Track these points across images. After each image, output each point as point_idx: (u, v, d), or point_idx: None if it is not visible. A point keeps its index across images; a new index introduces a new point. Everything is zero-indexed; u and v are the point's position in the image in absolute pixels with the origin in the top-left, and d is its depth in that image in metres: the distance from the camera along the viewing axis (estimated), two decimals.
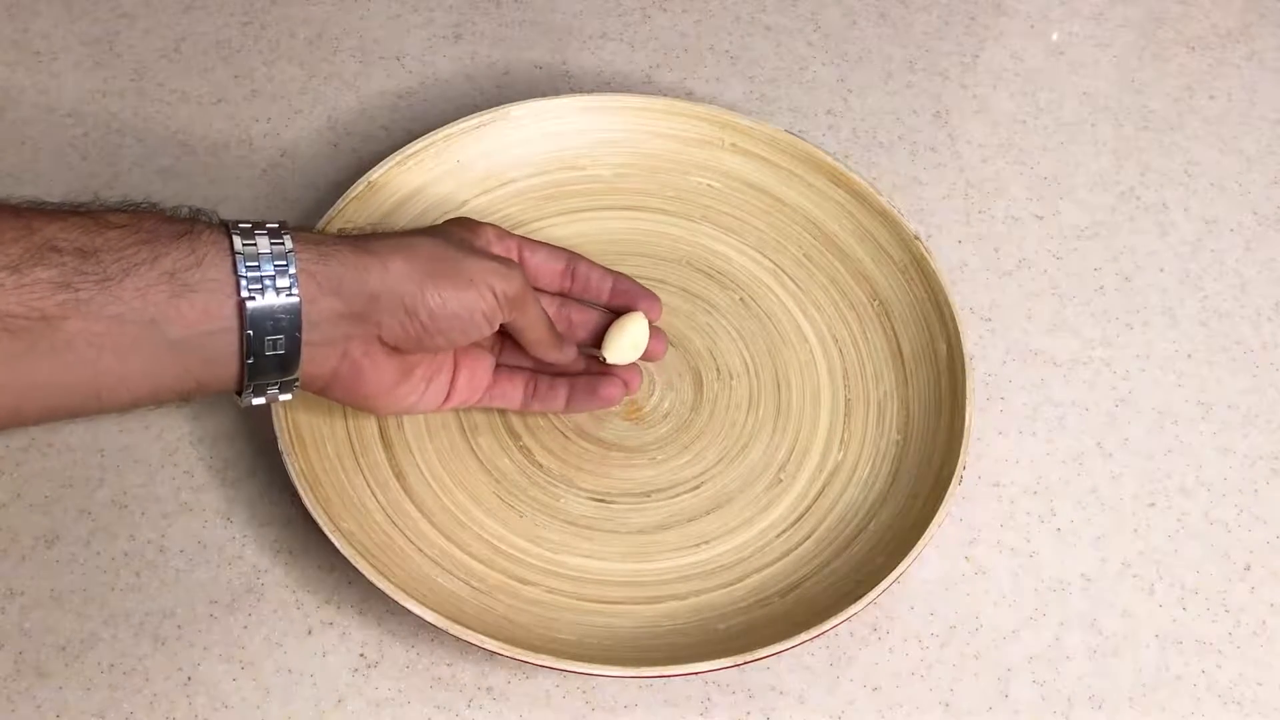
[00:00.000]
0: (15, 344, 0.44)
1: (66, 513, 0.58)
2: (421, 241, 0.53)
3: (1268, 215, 0.77)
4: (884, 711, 0.56)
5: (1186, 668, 0.59)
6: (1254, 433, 0.67)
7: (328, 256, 0.50)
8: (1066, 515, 0.63)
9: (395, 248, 0.52)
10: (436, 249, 0.53)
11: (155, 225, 0.47)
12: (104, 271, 0.45)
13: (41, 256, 0.44)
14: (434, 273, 0.52)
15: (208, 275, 0.47)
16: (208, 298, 0.47)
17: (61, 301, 0.44)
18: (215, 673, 0.54)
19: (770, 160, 0.70)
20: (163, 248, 0.46)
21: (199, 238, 0.47)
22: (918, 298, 0.66)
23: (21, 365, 0.44)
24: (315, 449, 0.58)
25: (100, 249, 0.45)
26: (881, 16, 0.83)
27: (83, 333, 0.45)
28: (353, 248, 0.51)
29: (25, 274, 0.43)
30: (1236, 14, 0.87)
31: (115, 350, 0.46)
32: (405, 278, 0.51)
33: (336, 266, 0.50)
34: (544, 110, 0.69)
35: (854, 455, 0.63)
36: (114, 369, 0.46)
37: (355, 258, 0.50)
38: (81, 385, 0.46)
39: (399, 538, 0.57)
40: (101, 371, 0.46)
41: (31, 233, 0.44)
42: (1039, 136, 0.79)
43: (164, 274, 0.46)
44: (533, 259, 0.60)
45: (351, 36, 0.78)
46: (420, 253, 0.52)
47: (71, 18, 0.76)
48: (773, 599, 0.57)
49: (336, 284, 0.50)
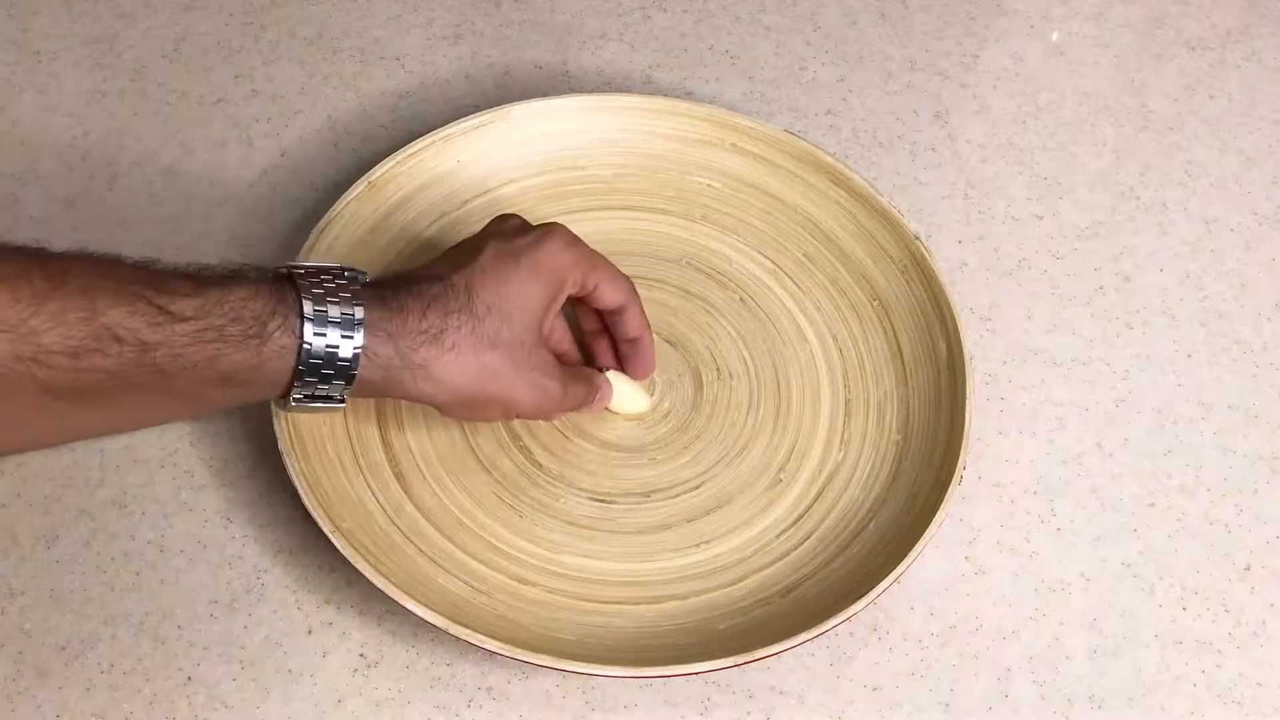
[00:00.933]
0: (63, 405, 0.45)
1: (66, 513, 0.58)
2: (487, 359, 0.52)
3: (1268, 215, 0.77)
4: (884, 711, 0.56)
5: (1186, 668, 0.59)
6: (1254, 433, 0.67)
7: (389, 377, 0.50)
8: (1066, 515, 0.63)
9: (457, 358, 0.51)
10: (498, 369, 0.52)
11: (224, 322, 0.46)
12: (159, 365, 0.45)
13: (103, 344, 0.44)
14: (475, 399, 0.53)
15: (266, 376, 0.48)
16: (258, 390, 0.49)
17: (114, 386, 0.45)
18: (215, 673, 0.54)
19: (770, 160, 0.70)
20: (226, 349, 0.46)
21: (266, 344, 0.47)
22: (918, 298, 0.66)
23: (71, 418, 0.46)
24: (315, 449, 0.58)
25: (161, 344, 0.45)
26: (881, 16, 0.83)
27: (129, 402, 0.47)
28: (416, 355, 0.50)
29: (83, 359, 0.43)
30: (1236, 14, 0.87)
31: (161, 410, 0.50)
32: (447, 398, 0.52)
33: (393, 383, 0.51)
34: (544, 110, 0.69)
35: (854, 455, 0.63)
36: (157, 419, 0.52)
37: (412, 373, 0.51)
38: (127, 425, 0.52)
39: (399, 538, 0.57)
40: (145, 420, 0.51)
41: (95, 316, 0.43)
42: (1039, 136, 0.79)
43: (220, 374, 0.46)
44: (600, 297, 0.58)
45: (351, 36, 0.78)
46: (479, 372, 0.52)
47: (71, 18, 0.76)
48: (773, 599, 0.57)
49: (379, 392, 0.52)
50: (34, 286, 0.42)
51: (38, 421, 0.45)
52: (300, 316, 0.48)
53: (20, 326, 0.42)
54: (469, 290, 0.52)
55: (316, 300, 0.48)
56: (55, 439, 0.49)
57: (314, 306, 0.48)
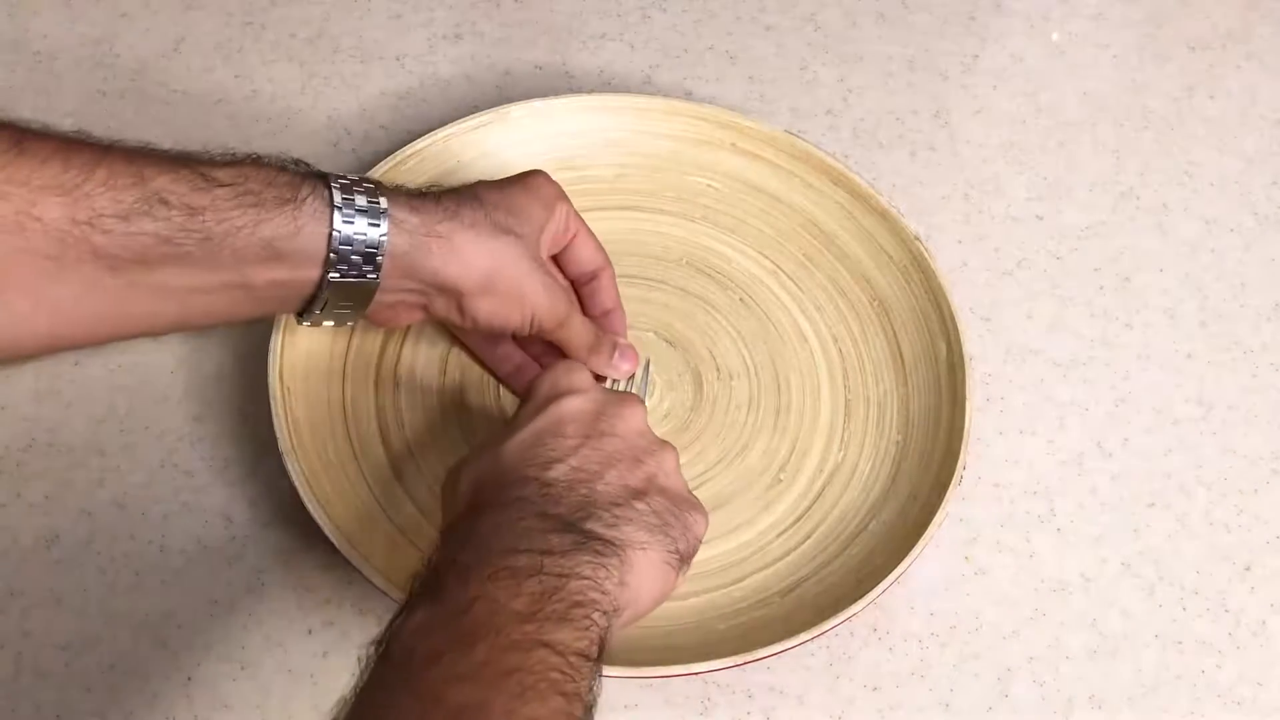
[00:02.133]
0: (116, 280, 0.47)
1: (66, 513, 0.58)
2: (502, 242, 0.54)
3: (1268, 215, 0.77)
4: (884, 711, 0.56)
5: (1186, 668, 0.59)
6: (1254, 433, 0.67)
7: (416, 244, 0.52)
8: (1066, 515, 0.63)
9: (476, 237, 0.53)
10: (512, 253, 0.55)
11: (261, 188, 0.49)
12: (207, 231, 0.47)
13: (151, 208, 0.46)
14: (494, 283, 0.54)
15: (303, 247, 0.50)
16: (297, 266, 0.51)
17: (163, 254, 0.47)
18: (215, 673, 0.54)
19: (770, 160, 0.70)
20: (266, 214, 0.49)
21: (301, 208, 0.50)
22: (918, 298, 0.66)
23: (120, 298, 0.48)
24: (315, 449, 0.58)
25: (206, 208, 0.47)
26: (881, 16, 0.83)
27: (177, 279, 0.48)
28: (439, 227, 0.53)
29: (133, 223, 0.46)
30: (1236, 14, 0.87)
31: (204, 295, 0.50)
32: (471, 278, 0.54)
33: (418, 255, 0.52)
34: (544, 110, 0.69)
35: (854, 455, 0.63)
36: (203, 309, 0.51)
37: (437, 244, 0.53)
38: (171, 317, 0.51)
39: (400, 538, 0.57)
40: (191, 310, 0.51)
41: (143, 181, 0.46)
42: (1039, 136, 0.79)
43: (262, 241, 0.49)
44: (577, 250, 0.60)
45: (351, 36, 0.78)
46: (495, 256, 0.54)
47: (71, 18, 0.76)
48: (773, 599, 0.57)
49: (411, 268, 0.53)
50: (83, 156, 0.46)
51: (89, 302, 0.47)
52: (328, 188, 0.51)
53: (75, 190, 0.45)
54: (474, 191, 0.56)
55: (337, 178, 0.52)
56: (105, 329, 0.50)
57: (337, 182, 0.51)
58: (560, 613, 0.40)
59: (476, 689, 0.38)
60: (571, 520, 0.44)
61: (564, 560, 0.42)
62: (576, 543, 0.43)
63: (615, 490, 0.47)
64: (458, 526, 0.46)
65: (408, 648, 0.40)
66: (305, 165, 0.52)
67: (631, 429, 0.50)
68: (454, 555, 0.43)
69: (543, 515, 0.44)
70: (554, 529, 0.44)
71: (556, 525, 0.44)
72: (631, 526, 0.46)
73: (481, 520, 0.44)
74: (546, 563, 0.42)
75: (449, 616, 0.40)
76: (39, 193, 0.44)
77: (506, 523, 0.44)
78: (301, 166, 0.52)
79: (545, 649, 0.39)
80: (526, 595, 0.41)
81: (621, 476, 0.48)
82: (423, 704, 0.38)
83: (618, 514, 0.46)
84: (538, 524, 0.44)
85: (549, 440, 0.48)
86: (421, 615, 0.41)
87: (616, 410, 0.50)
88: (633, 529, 0.46)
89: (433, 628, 0.40)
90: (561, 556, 0.42)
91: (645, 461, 0.49)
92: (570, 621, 0.41)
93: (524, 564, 0.42)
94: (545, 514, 0.44)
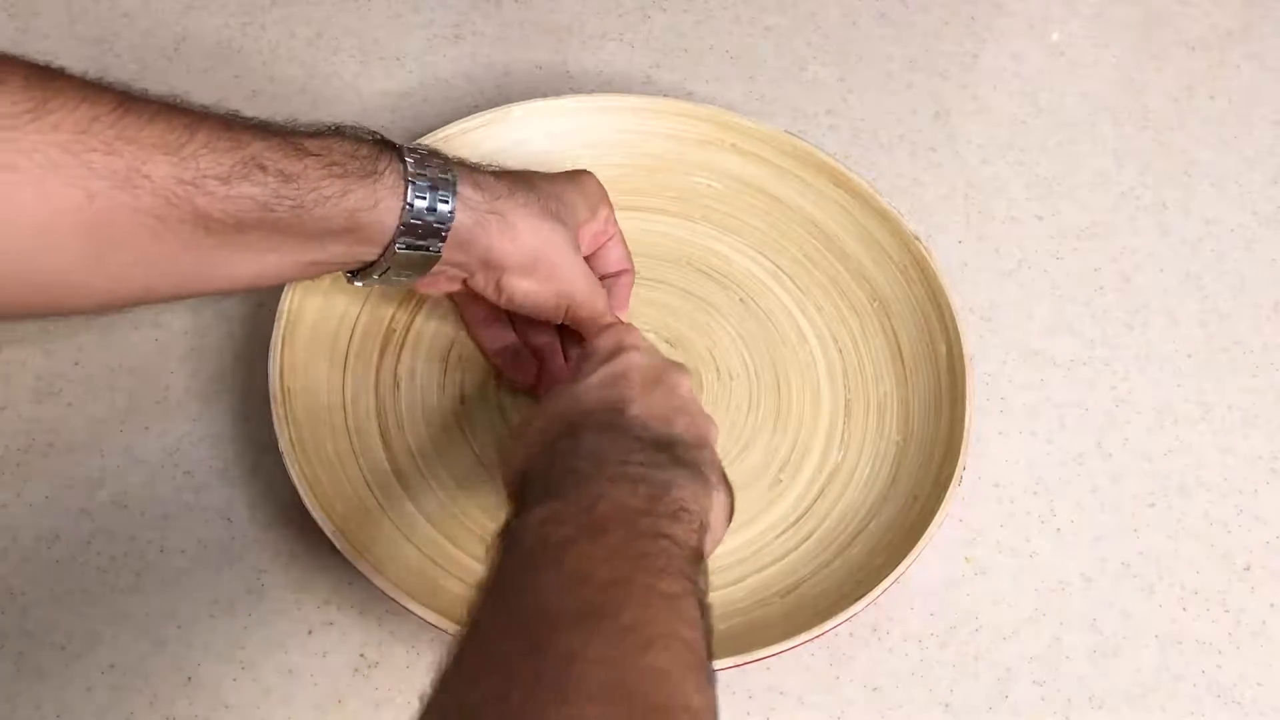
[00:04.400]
0: (210, 239, 0.48)
1: (66, 513, 0.58)
2: (550, 227, 0.56)
3: (1268, 215, 0.77)
4: (884, 711, 0.56)
5: (1186, 668, 0.59)
6: (1254, 433, 0.67)
7: (478, 220, 0.54)
8: (1066, 515, 0.63)
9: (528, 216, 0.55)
10: (558, 239, 0.56)
11: (345, 160, 0.50)
12: (299, 199, 0.49)
13: (249, 173, 0.47)
14: (539, 266, 0.56)
15: (380, 219, 0.51)
16: (370, 236, 0.52)
17: (258, 218, 0.48)
18: (215, 673, 0.54)
19: (770, 160, 0.70)
20: (351, 185, 0.50)
21: (381, 181, 0.51)
22: (918, 298, 0.66)
23: (208, 257, 0.49)
24: (315, 449, 0.58)
25: (300, 175, 0.49)
26: (881, 16, 0.83)
27: (265, 242, 0.49)
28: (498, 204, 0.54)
29: (234, 186, 0.47)
30: (1236, 14, 0.87)
31: (282, 255, 0.51)
32: (517, 254, 0.55)
33: (478, 230, 0.54)
34: (544, 110, 0.69)
35: (854, 455, 0.63)
36: (276, 269, 0.52)
37: (496, 221, 0.54)
38: (248, 276, 0.52)
39: (399, 538, 0.57)
40: (265, 269, 0.51)
41: (240, 146, 0.47)
42: (1039, 136, 0.79)
43: (346, 211, 0.50)
44: (608, 253, 0.62)
45: (351, 36, 0.78)
46: (543, 238, 0.56)
47: (71, 18, 0.76)
48: (773, 599, 0.57)
49: (469, 242, 0.54)
50: (184, 118, 0.47)
51: (183, 259, 0.48)
52: (402, 163, 0.52)
53: (180, 150, 0.46)
54: (528, 178, 0.58)
55: (410, 152, 0.53)
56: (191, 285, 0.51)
57: (411, 156, 0.53)
58: (670, 513, 0.44)
59: (620, 565, 0.41)
60: (662, 445, 0.48)
61: (664, 473, 0.46)
62: (672, 459, 0.47)
63: (685, 432, 0.50)
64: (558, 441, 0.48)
65: (541, 535, 0.43)
66: (381, 136, 0.53)
67: (686, 390, 0.54)
68: (568, 464, 0.46)
69: (637, 439, 0.48)
70: (650, 448, 0.47)
71: (650, 446, 0.48)
72: (707, 467, 0.49)
73: (583, 439, 0.48)
74: (651, 473, 0.46)
75: (577, 511, 0.43)
76: (149, 150, 0.45)
77: (609, 441, 0.48)
78: (377, 136, 0.53)
79: (667, 539, 0.43)
80: (642, 496, 0.44)
81: (688, 426, 0.51)
82: (570, 580, 0.40)
83: (694, 453, 0.49)
84: (635, 445, 0.47)
85: (619, 384, 0.51)
86: (546, 510, 0.44)
87: (672, 372, 0.54)
88: (708, 468, 0.49)
89: (563, 519, 0.43)
90: (660, 470, 0.46)
91: (700, 421, 0.52)
92: (680, 521, 0.44)
93: (634, 472, 0.46)
94: (639, 438, 0.48)
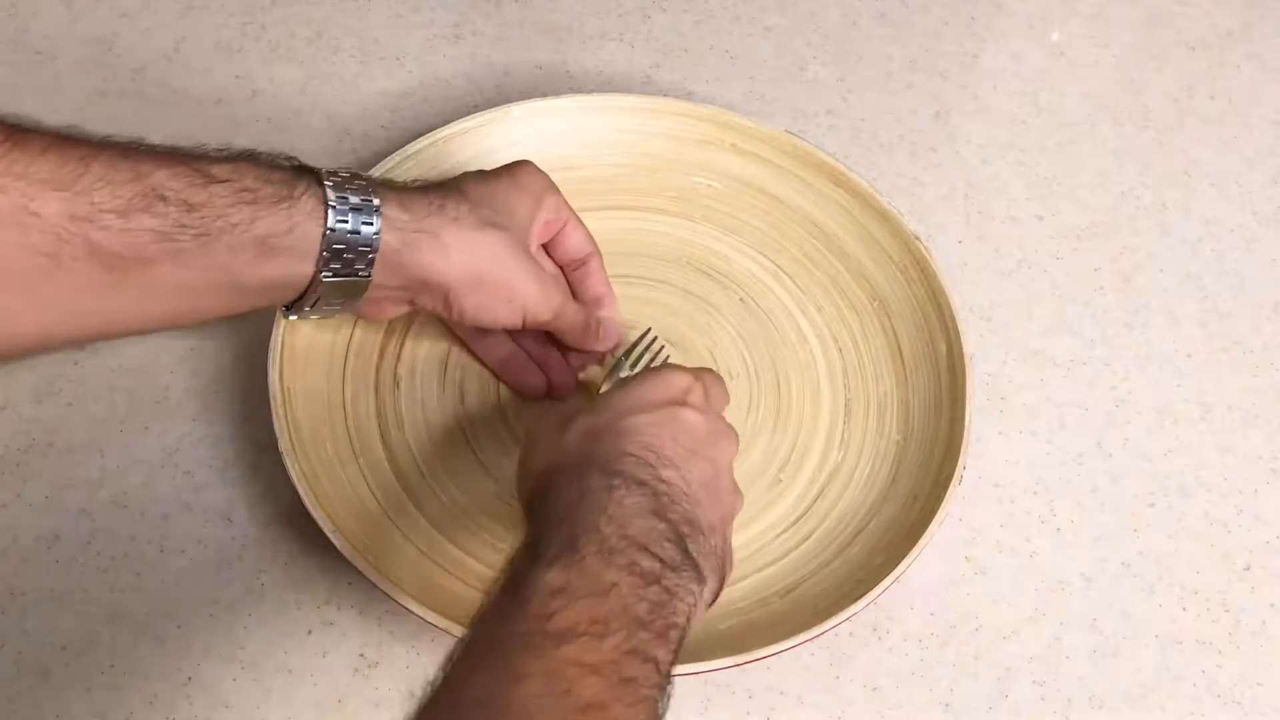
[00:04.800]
0: (110, 277, 0.46)
1: (66, 513, 0.58)
2: (488, 237, 0.54)
3: (1268, 215, 0.77)
4: (884, 711, 0.56)
5: (1186, 668, 0.59)
6: (1254, 433, 0.67)
7: (406, 240, 0.52)
8: (1066, 515, 0.63)
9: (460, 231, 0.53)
10: (499, 249, 0.55)
11: (256, 184, 0.49)
12: (204, 227, 0.47)
13: (149, 204, 0.46)
14: (483, 280, 0.55)
15: (297, 244, 0.50)
16: (290, 263, 0.50)
17: (160, 250, 0.46)
18: (215, 673, 0.54)
19: (770, 160, 0.70)
20: (262, 211, 0.49)
21: (297, 205, 0.50)
22: (918, 298, 0.66)
23: (112, 296, 0.47)
24: (315, 449, 0.58)
25: (204, 204, 0.47)
26: (881, 16, 0.83)
27: (172, 276, 0.48)
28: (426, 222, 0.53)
29: (132, 219, 0.46)
30: (1236, 14, 0.87)
31: (196, 293, 0.49)
32: (457, 273, 0.54)
33: (408, 252, 0.52)
34: (544, 110, 0.69)
35: (854, 455, 0.63)
36: (192, 306, 0.50)
37: (426, 240, 0.53)
38: (162, 315, 0.50)
39: (399, 538, 0.57)
40: (181, 308, 0.50)
41: (140, 177, 0.46)
42: (1039, 136, 0.79)
43: (257, 238, 0.49)
44: (566, 239, 0.60)
45: (351, 36, 0.78)
46: (481, 251, 0.54)
47: (71, 18, 0.76)
48: (773, 599, 0.57)
49: (400, 265, 0.53)
50: (79, 150, 0.45)
51: (82, 299, 0.47)
52: (321, 186, 0.51)
53: (73, 184, 0.44)
54: (459, 187, 0.56)
55: (330, 176, 0.51)
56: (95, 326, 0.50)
57: (331, 180, 0.51)
58: (663, 630, 0.42)
59: (603, 688, 0.39)
60: (680, 535, 0.45)
61: (675, 577, 0.44)
62: (684, 561, 0.45)
63: (704, 518, 0.48)
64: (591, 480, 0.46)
65: (543, 607, 0.41)
66: (299, 161, 0.52)
67: (727, 462, 0.51)
68: (595, 522, 0.44)
69: (662, 516, 0.45)
70: (670, 539, 0.45)
71: (671, 535, 0.45)
72: (706, 561, 0.47)
73: (615, 493, 0.45)
74: (664, 575, 0.43)
75: (588, 592, 0.41)
76: (38, 186, 0.44)
77: (637, 510, 0.45)
78: (295, 162, 0.52)
79: (651, 664, 0.41)
80: (647, 602, 0.42)
81: (711, 507, 0.49)
82: (553, 687, 0.38)
83: (703, 543, 0.47)
84: (659, 525, 0.45)
85: (668, 441, 0.48)
86: (558, 574, 0.42)
87: (722, 441, 0.51)
88: (707, 562, 0.47)
89: (573, 596, 0.41)
90: (674, 572, 0.44)
91: (726, 500, 0.50)
92: (667, 642, 0.42)
93: (649, 568, 0.43)
94: (664, 516, 0.45)
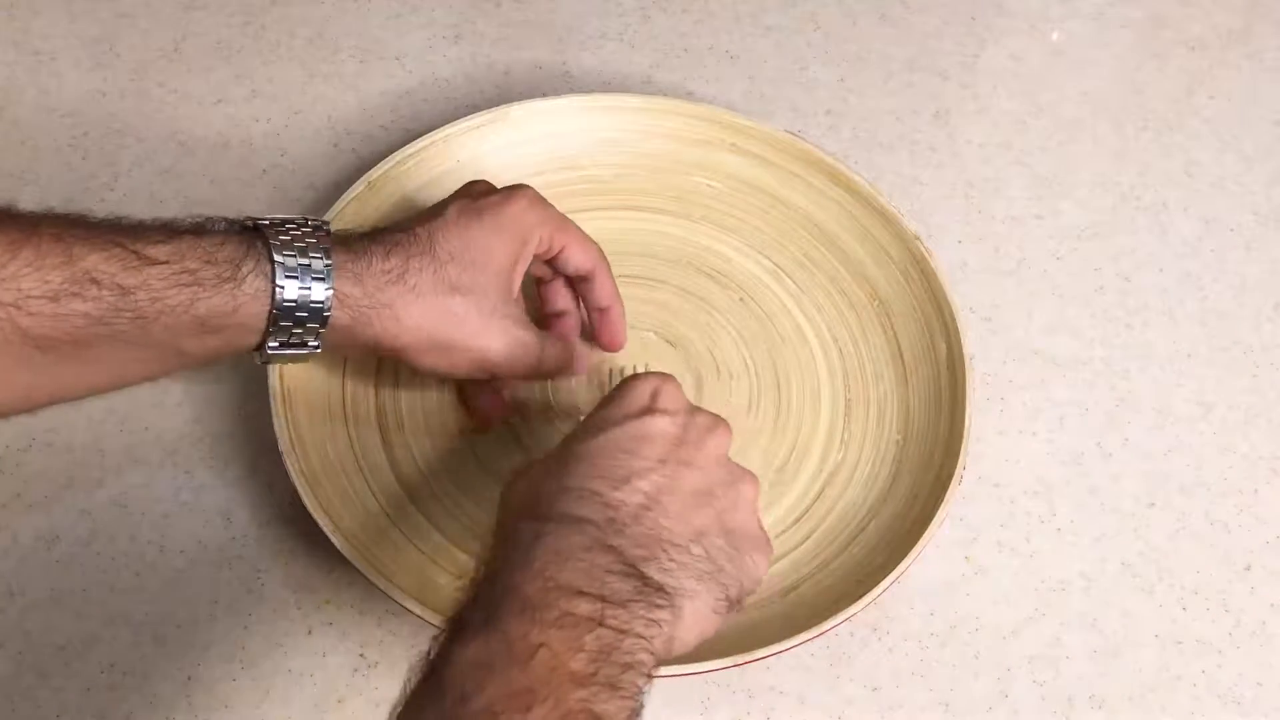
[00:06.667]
0: (45, 358, 0.45)
1: (66, 513, 0.58)
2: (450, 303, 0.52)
3: (1268, 215, 0.77)
4: (884, 711, 0.56)
5: (1186, 668, 0.59)
6: (1254, 433, 0.67)
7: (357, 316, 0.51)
8: (1066, 515, 0.63)
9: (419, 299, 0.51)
10: (462, 314, 0.53)
11: (198, 266, 0.47)
12: (139, 310, 0.46)
13: (81, 289, 0.44)
14: (438, 341, 0.53)
15: (242, 323, 0.48)
16: (234, 338, 0.49)
17: (95, 333, 0.45)
18: (215, 673, 0.54)
19: (770, 160, 0.70)
20: (202, 293, 0.47)
21: (241, 287, 0.48)
22: (918, 298, 0.66)
23: (50, 373, 0.46)
24: (315, 449, 0.58)
25: (139, 287, 0.46)
26: (881, 16, 0.83)
27: (110, 354, 0.47)
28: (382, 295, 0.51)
29: (63, 304, 0.44)
30: (1236, 14, 0.87)
31: (139, 363, 0.48)
32: (410, 338, 0.52)
33: (358, 327, 0.51)
34: (544, 110, 0.69)
35: (854, 455, 0.63)
36: (136, 373, 0.49)
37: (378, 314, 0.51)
38: (105, 384, 0.49)
39: (399, 537, 0.57)
40: (125, 374, 0.49)
41: (72, 261, 0.44)
42: (1039, 136, 0.79)
43: (197, 319, 0.47)
44: (567, 259, 0.58)
45: (351, 36, 0.78)
46: (441, 319, 0.52)
47: (71, 18, 0.76)
48: (773, 599, 0.57)
49: (351, 336, 0.51)
50: (8, 235, 0.43)
51: (19, 376, 0.46)
52: (271, 263, 0.48)
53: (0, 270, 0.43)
54: (430, 238, 0.53)
55: (284, 247, 0.49)
56: (38, 397, 0.48)
57: (283, 254, 0.49)
58: (613, 679, 0.39)
59: None
60: (632, 561, 0.43)
61: (623, 612, 0.41)
62: (636, 591, 0.42)
63: (678, 529, 0.45)
64: (518, 535, 0.43)
65: (460, 690, 0.38)
66: (252, 224, 0.50)
67: (711, 459, 0.49)
68: (515, 580, 0.41)
69: (606, 548, 0.43)
70: (615, 569, 0.42)
71: (618, 564, 0.42)
72: (686, 574, 0.45)
73: (544, 540, 0.42)
74: (607, 614, 0.40)
75: (508, 662, 0.38)
76: None
77: (569, 551, 0.42)
78: (248, 225, 0.50)
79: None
80: (586, 653, 0.39)
81: (687, 515, 0.46)
82: None
83: (675, 558, 0.44)
84: (600, 559, 0.42)
85: (624, 457, 0.46)
86: (477, 648, 0.39)
87: (700, 438, 0.49)
88: (686, 576, 0.45)
89: (491, 670, 0.38)
90: (621, 607, 0.41)
91: (717, 497, 0.48)
92: (619, 691, 0.39)
93: (585, 611, 0.40)
94: (609, 546, 0.43)
